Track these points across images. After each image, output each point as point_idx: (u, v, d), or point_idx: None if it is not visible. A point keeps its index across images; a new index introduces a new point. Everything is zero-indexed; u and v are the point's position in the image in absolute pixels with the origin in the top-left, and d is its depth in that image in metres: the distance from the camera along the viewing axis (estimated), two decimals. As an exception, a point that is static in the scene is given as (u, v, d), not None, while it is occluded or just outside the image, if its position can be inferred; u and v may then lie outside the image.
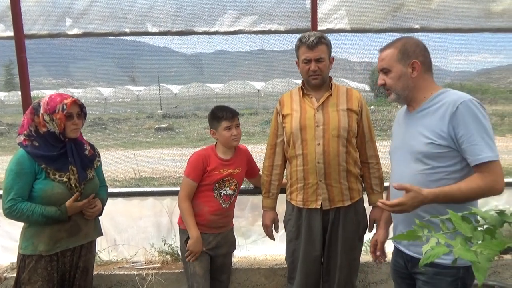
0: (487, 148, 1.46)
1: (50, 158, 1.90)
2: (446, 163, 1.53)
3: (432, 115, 1.57)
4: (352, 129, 2.07)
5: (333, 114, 2.07)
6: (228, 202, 2.26)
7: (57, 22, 2.66)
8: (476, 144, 1.46)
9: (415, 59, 1.60)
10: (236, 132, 2.23)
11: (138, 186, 6.58)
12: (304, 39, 2.05)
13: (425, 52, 1.64)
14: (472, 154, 1.48)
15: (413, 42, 1.64)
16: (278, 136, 2.23)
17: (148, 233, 2.84)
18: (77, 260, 2.04)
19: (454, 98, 1.52)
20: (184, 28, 2.70)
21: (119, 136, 15.17)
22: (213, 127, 2.26)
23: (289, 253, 2.24)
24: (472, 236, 0.93)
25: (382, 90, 1.73)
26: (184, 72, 25.86)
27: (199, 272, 2.20)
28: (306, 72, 2.07)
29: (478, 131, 1.46)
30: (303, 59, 2.07)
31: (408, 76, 1.62)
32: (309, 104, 2.11)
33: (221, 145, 2.27)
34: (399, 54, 1.62)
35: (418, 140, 1.59)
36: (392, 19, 2.71)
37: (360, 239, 2.21)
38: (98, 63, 15.95)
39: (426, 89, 1.64)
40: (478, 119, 1.47)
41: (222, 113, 2.22)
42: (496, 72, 24.26)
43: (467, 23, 2.72)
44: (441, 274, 1.55)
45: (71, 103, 1.91)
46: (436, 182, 1.53)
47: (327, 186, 2.07)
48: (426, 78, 1.64)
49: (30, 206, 1.85)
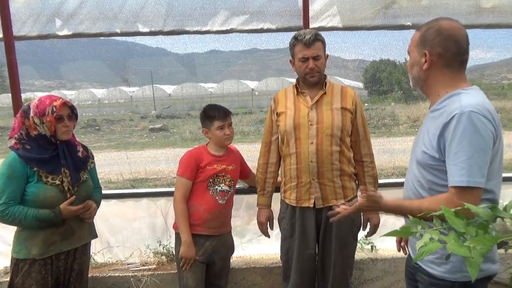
0: (466, 171, 1.28)
1: (42, 161, 1.88)
2: (439, 176, 1.40)
3: (436, 120, 1.41)
4: (346, 128, 2.07)
5: (327, 113, 2.06)
6: (224, 198, 2.23)
7: (46, 23, 2.63)
8: (455, 165, 1.31)
9: (428, 49, 1.42)
10: (229, 131, 2.22)
11: (132, 188, 6.55)
12: (300, 36, 2.02)
13: (447, 42, 1.40)
14: (450, 174, 1.33)
15: (436, 29, 1.42)
16: (273, 134, 2.23)
17: (143, 234, 2.82)
18: (71, 263, 2.02)
19: (454, 107, 1.35)
20: (176, 27, 2.68)
21: (113, 138, 15.08)
22: (206, 126, 2.25)
23: (283, 251, 2.24)
24: (465, 231, 0.93)
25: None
26: (178, 72, 25.76)
27: (192, 284, 2.17)
28: (304, 71, 2.05)
29: (461, 150, 1.29)
30: (300, 58, 2.04)
31: (420, 66, 1.46)
32: (303, 102, 2.11)
33: (213, 144, 2.26)
34: (419, 39, 1.46)
35: (419, 145, 1.48)
36: (384, 16, 2.72)
37: (354, 237, 2.21)
38: (90, 64, 15.80)
39: (442, 86, 1.45)
40: (468, 136, 1.29)
41: (215, 113, 2.21)
42: (488, 68, 24.54)
43: (458, 20, 2.71)
44: (435, 285, 1.47)
45: (61, 105, 1.88)
46: (428, 193, 1.44)
47: (320, 185, 2.07)
48: (444, 73, 1.43)
49: (23, 209, 1.83)
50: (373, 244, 2.77)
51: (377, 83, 21.55)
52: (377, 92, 20.64)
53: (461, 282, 1.43)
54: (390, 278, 2.65)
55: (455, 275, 1.43)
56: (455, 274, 1.43)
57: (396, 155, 6.84)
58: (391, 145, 7.57)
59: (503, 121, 14.67)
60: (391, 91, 20.19)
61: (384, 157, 6.64)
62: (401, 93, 19.45)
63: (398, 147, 6.90)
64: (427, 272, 1.51)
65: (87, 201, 2.00)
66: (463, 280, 1.42)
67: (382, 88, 20.87)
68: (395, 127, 13.54)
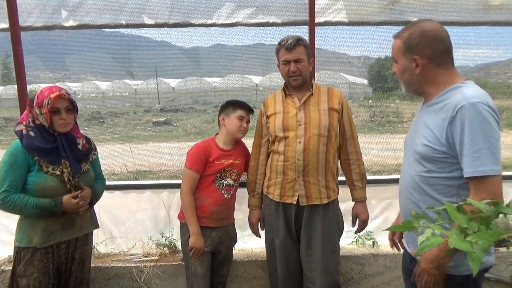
0: (482, 160, 1.30)
1: (43, 151, 1.89)
2: (444, 168, 1.41)
3: (437, 114, 1.43)
4: (333, 127, 2.14)
5: (314, 113, 2.13)
6: (229, 192, 2.27)
7: (52, 13, 2.64)
8: (469, 155, 1.32)
9: (417, 55, 1.45)
10: (246, 125, 2.28)
11: (135, 179, 6.58)
12: (283, 42, 2.13)
13: (434, 44, 1.44)
14: (465, 165, 1.34)
15: (419, 32, 1.45)
16: (263, 137, 2.29)
17: (145, 226, 2.84)
18: (72, 252, 2.04)
19: (458, 99, 1.36)
20: (181, 20, 2.68)
21: (117, 130, 15.12)
22: (226, 113, 2.28)
23: (268, 242, 2.29)
24: (467, 226, 0.94)
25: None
26: (182, 66, 25.72)
27: (200, 272, 2.21)
28: (286, 73, 2.15)
29: (474, 140, 1.31)
30: (282, 61, 2.15)
31: (412, 71, 1.49)
32: (291, 104, 2.18)
33: (224, 136, 2.28)
34: (403, 46, 1.49)
35: (419, 139, 1.49)
36: (390, 12, 2.71)
37: (338, 237, 2.25)
38: (95, 56, 15.75)
39: (439, 84, 1.48)
40: (478, 125, 1.31)
41: (241, 104, 2.29)
42: (495, 66, 24.25)
43: (465, 16, 2.72)
44: None
45: (55, 97, 1.87)
46: (431, 187, 1.45)
47: (305, 183, 2.12)
48: (438, 72, 1.46)
49: (24, 197, 1.85)
50: (375, 239, 2.78)
51: (382, 80, 21.44)
52: (382, 89, 20.54)
53: (463, 275, 1.44)
54: (391, 274, 2.66)
55: (457, 268, 1.44)
56: (457, 268, 1.44)
57: (400, 152, 6.77)
58: (395, 142, 7.56)
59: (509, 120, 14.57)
60: (395, 88, 20.08)
61: (387, 154, 6.63)
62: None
63: (401, 144, 6.82)
64: None
65: (78, 191, 1.95)
66: (465, 274, 1.43)
67: (387, 85, 20.75)
68: (399, 125, 13.49)
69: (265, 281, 2.62)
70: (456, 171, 1.40)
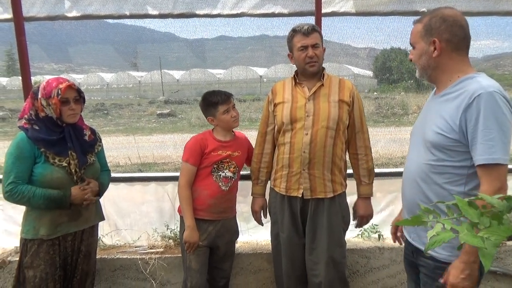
0: (495, 149, 1.31)
1: (49, 142, 1.88)
2: (454, 157, 1.43)
3: (451, 102, 1.44)
4: (342, 121, 2.09)
5: (323, 105, 2.08)
6: (227, 184, 2.24)
7: (55, 4, 2.62)
8: (482, 143, 1.33)
9: (436, 37, 1.46)
10: (235, 113, 2.23)
11: (140, 172, 6.60)
12: (298, 28, 2.07)
13: (454, 28, 1.45)
14: (476, 153, 1.35)
15: (440, 16, 1.46)
16: (269, 125, 2.25)
17: (150, 218, 2.85)
18: (79, 244, 2.05)
19: (475, 87, 1.37)
20: (186, 10, 2.65)
21: (121, 122, 15.15)
22: (210, 114, 2.23)
23: (273, 236, 2.27)
24: (478, 221, 0.92)
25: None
26: (186, 58, 25.59)
27: (195, 266, 2.19)
28: (304, 60, 2.08)
29: (489, 128, 1.32)
30: (299, 47, 2.07)
31: (430, 55, 1.49)
32: (300, 93, 2.13)
33: (221, 129, 2.25)
34: (423, 30, 1.49)
35: (430, 127, 1.49)
36: (398, 2, 2.66)
37: (344, 231, 2.23)
38: (99, 48, 15.76)
39: (453, 71, 1.48)
40: (494, 114, 1.32)
41: (217, 98, 2.20)
42: (504, 58, 23.94)
43: (475, 6, 2.66)
44: (440, 268, 1.48)
45: (66, 88, 1.87)
46: (440, 175, 1.46)
47: (310, 176, 2.09)
48: (453, 57, 1.47)
49: (31, 188, 1.85)
50: (380, 232, 2.77)
51: (387, 71, 21.25)
52: (387, 81, 20.38)
53: None
54: (396, 267, 2.65)
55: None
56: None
57: (406, 145, 6.75)
58: (402, 135, 7.48)
59: (516, 113, 14.37)
60: (401, 80, 19.90)
61: (393, 146, 6.58)
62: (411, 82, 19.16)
63: (407, 137, 6.77)
64: (431, 256, 1.50)
65: (85, 183, 1.97)
66: None
67: (392, 77, 20.56)
68: (404, 117, 13.38)
69: (270, 274, 2.62)
70: (466, 160, 1.42)
